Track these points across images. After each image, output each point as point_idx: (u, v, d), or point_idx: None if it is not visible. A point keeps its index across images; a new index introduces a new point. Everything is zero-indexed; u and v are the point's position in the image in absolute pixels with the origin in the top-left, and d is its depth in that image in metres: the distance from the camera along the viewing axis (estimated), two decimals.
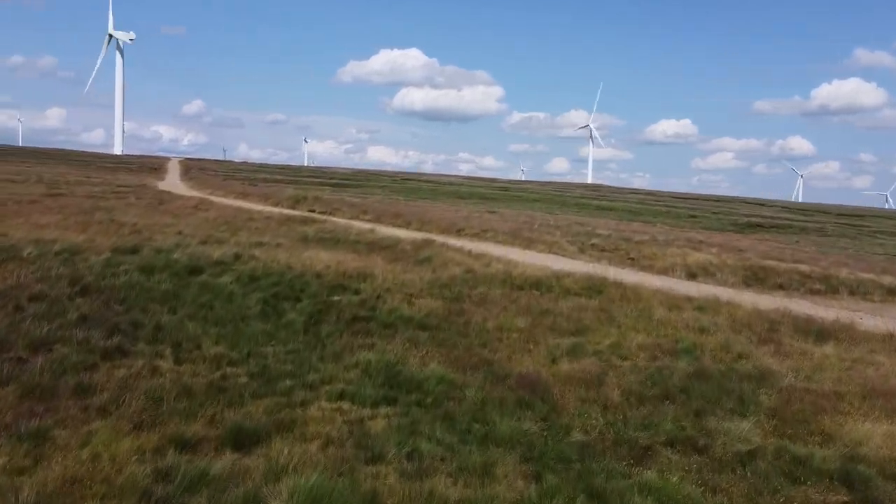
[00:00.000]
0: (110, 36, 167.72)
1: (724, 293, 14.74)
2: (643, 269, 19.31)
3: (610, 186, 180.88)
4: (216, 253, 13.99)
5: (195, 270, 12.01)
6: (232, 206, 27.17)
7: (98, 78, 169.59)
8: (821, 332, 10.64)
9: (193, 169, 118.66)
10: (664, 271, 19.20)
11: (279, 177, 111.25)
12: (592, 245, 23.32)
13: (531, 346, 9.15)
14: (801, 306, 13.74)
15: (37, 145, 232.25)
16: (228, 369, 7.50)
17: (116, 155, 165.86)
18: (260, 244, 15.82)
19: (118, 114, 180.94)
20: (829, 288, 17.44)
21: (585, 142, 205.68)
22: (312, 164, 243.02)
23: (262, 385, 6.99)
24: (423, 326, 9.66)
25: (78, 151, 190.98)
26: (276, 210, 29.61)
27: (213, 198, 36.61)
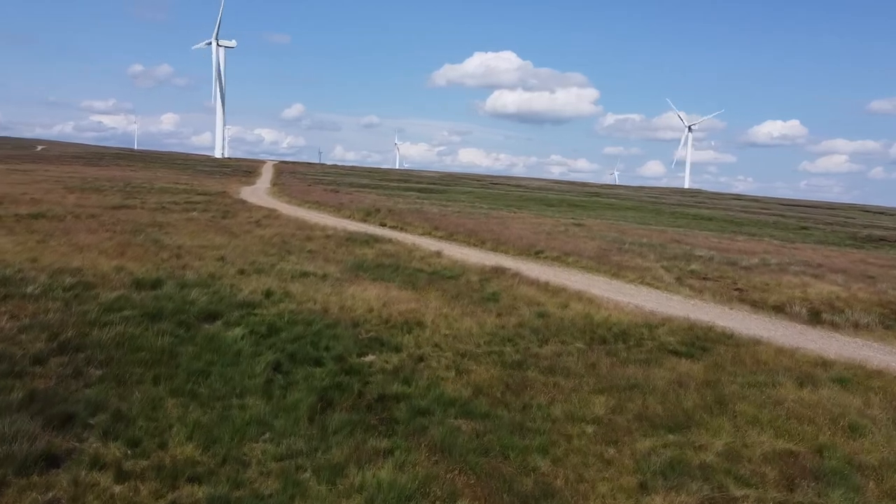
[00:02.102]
0: (214, 43, 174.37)
1: (869, 352, 11.60)
2: (754, 305, 16.22)
3: (708, 192, 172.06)
4: (247, 289, 12.18)
5: (211, 316, 10.17)
6: (298, 220, 25.73)
7: (206, 84, 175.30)
8: None
9: (285, 173, 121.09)
10: (780, 308, 16.05)
11: (366, 181, 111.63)
12: (692, 272, 20.25)
13: (611, 453, 6.66)
14: None
15: (151, 148, 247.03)
16: (186, 489, 5.47)
17: (217, 158, 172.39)
18: (304, 275, 13.95)
19: (219, 119, 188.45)
20: None
21: (682, 144, 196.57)
22: (403, 167, 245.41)
23: None
24: (468, 414, 7.34)
25: (184, 155, 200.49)
26: (346, 223, 28.03)
27: (286, 207, 35.62)
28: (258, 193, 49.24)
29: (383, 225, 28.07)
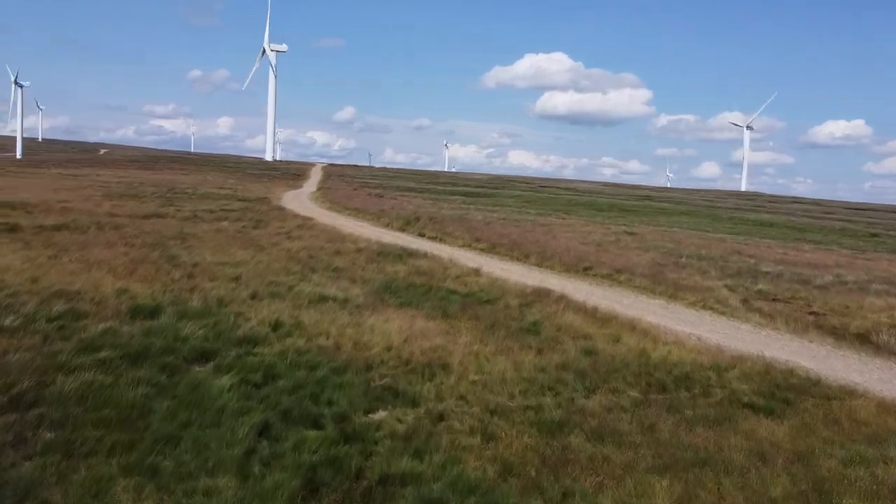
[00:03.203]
0: (265, 48, 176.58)
1: None
2: (834, 333, 14.19)
3: (767, 195, 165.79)
4: (255, 318, 10.84)
5: (203, 356, 8.83)
6: (332, 230, 24.50)
7: (260, 88, 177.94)
8: None
9: (333, 176, 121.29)
10: (864, 336, 14.01)
11: (413, 184, 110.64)
12: (759, 293, 18.17)
13: None
14: None
15: (207, 151, 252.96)
16: None
17: (267, 161, 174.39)
18: (322, 300, 12.55)
19: (269, 122, 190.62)
20: None
21: (738, 144, 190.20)
22: (452, 170, 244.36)
23: None
24: None
25: (236, 158, 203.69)
26: (383, 232, 26.69)
27: (325, 214, 34.56)
28: (300, 199, 48.50)
29: (422, 235, 26.62)
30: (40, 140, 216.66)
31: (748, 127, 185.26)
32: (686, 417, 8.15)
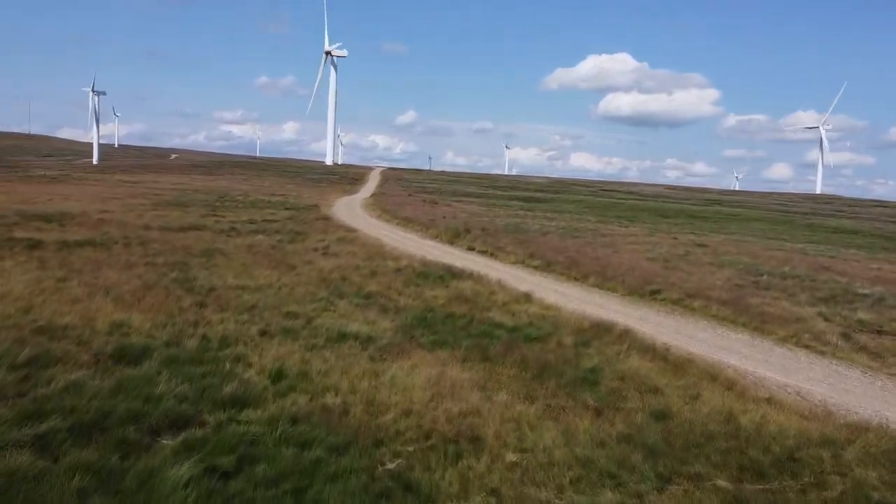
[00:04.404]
0: (327, 53, 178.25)
1: None
2: None
3: (845, 198, 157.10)
4: (255, 365, 9.14)
5: (175, 423, 7.13)
6: (374, 245, 22.83)
7: (326, 93, 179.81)
8: None
9: (391, 180, 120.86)
10: None
11: (472, 188, 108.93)
12: (861, 323, 15.51)
13: None
14: None
15: (273, 155, 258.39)
16: None
17: (327, 165, 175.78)
18: (342, 338, 10.78)
19: (330, 126, 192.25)
20: None
21: (812, 145, 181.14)
22: (512, 172, 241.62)
23: None
24: None
25: (298, 162, 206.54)
26: (429, 246, 24.90)
27: (372, 223, 33.06)
28: (352, 206, 47.32)
29: (472, 249, 24.68)
30: (116, 146, 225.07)
31: (823, 126, 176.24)
32: None
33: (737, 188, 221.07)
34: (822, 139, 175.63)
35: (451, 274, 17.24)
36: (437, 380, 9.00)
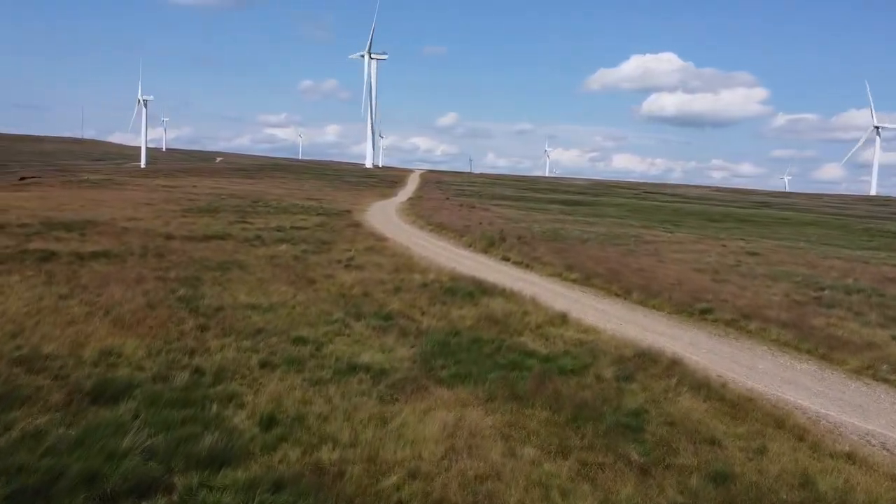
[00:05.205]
0: (367, 56, 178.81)
1: None
2: None
3: None
4: (248, 406, 8.02)
5: (136, 489, 6.02)
6: (403, 255, 21.66)
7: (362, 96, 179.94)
8: None
9: (429, 183, 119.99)
10: None
11: (511, 191, 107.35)
12: None
13: None
14: None
15: (315, 158, 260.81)
16: None
17: (366, 168, 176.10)
18: (352, 370, 9.60)
19: (369, 129, 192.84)
20: None
21: (866, 144, 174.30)
22: (553, 174, 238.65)
23: None
24: None
25: (338, 164, 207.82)
26: (461, 256, 23.65)
27: (405, 230, 31.96)
28: (386, 211, 46.36)
29: (506, 259, 23.34)
30: (164, 150, 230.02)
31: (877, 129, 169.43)
32: None
33: (786, 189, 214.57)
34: (877, 139, 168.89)
35: (481, 290, 15.95)
36: (453, 428, 7.74)
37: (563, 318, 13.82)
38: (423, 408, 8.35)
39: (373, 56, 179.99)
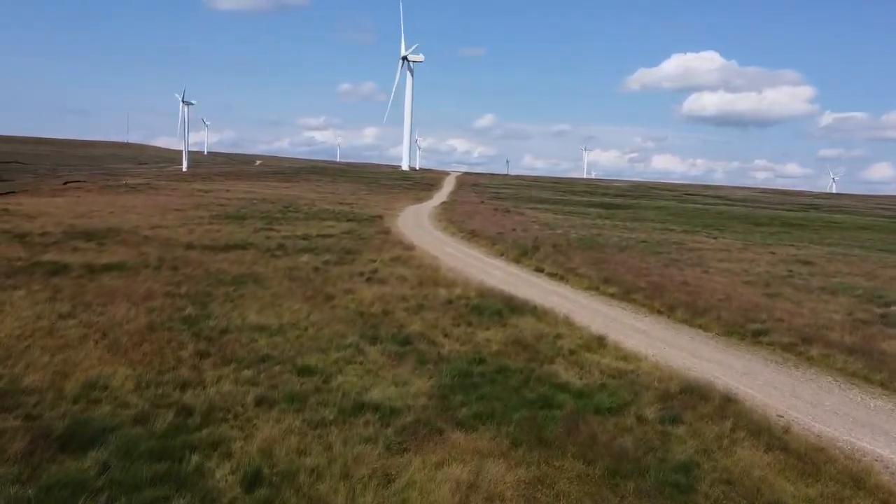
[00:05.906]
0: (404, 58, 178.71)
1: None
2: None
3: None
4: (235, 457, 6.99)
5: None
6: (430, 267, 20.54)
7: (398, 99, 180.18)
8: None
9: (465, 186, 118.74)
10: None
11: (548, 194, 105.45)
12: None
13: None
14: None
15: (353, 160, 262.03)
16: None
17: (402, 171, 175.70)
18: (359, 409, 8.51)
19: (406, 131, 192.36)
20: None
21: None
22: (591, 175, 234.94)
23: None
24: None
25: (374, 167, 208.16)
26: (492, 267, 22.45)
27: (436, 237, 30.86)
28: (419, 216, 45.35)
29: (539, 270, 22.05)
30: (205, 153, 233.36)
31: None
32: None
33: (833, 190, 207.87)
34: None
35: (510, 307, 14.75)
36: (468, 489, 6.59)
37: (600, 342, 12.54)
38: (436, 461, 7.20)
39: (408, 58, 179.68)
